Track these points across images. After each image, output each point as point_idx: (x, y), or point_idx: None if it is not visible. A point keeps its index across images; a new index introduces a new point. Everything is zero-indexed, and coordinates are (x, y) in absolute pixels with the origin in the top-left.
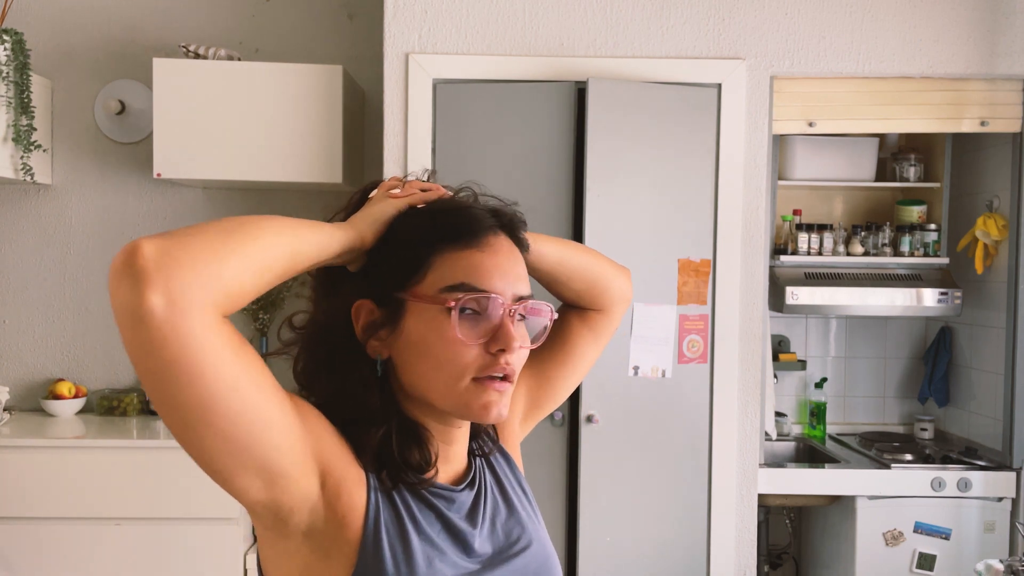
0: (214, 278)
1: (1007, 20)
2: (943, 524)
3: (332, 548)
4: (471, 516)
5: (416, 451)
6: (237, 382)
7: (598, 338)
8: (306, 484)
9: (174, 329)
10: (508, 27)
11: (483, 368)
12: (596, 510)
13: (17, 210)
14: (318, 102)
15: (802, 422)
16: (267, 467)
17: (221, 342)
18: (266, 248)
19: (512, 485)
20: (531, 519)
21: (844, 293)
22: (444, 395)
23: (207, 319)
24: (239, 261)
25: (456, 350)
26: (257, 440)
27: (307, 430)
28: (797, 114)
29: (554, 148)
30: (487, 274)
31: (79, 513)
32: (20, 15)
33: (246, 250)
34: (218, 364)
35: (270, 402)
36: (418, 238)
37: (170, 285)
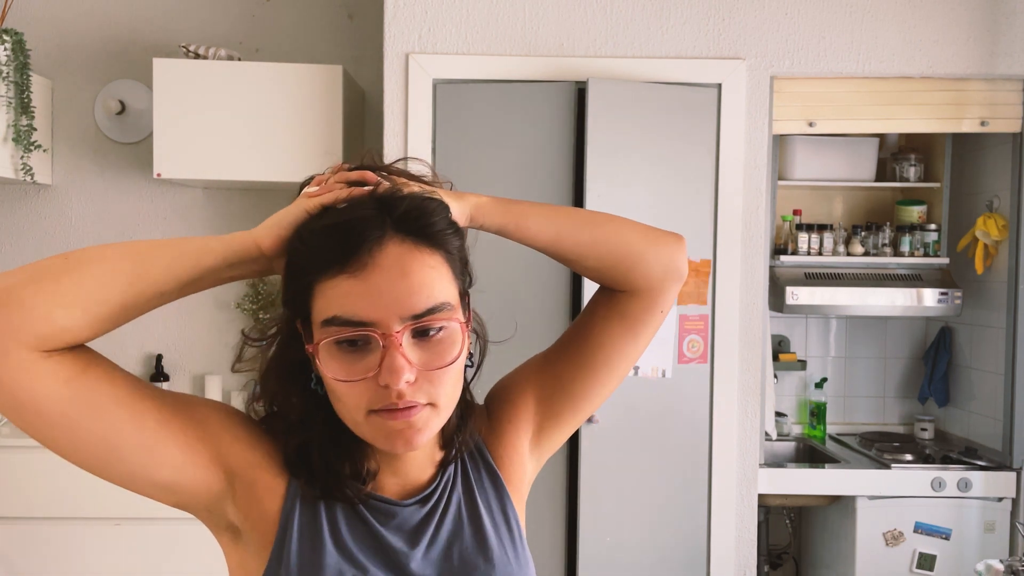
0: (20, 319)
1: (1007, 20)
2: (943, 524)
3: (252, 545)
4: (413, 535)
5: (347, 463)
6: (70, 413)
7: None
8: (205, 487)
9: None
10: (508, 27)
11: (374, 401)
12: (596, 510)
13: (17, 210)
14: (318, 102)
15: (802, 422)
16: (145, 480)
17: (41, 379)
18: (88, 281)
19: (491, 512)
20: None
21: (844, 293)
22: (353, 427)
23: (21, 360)
24: (40, 297)
25: (347, 386)
26: (114, 461)
27: (200, 436)
28: (797, 114)
29: (554, 148)
30: (359, 302)
31: (79, 513)
32: (20, 15)
33: (47, 282)
34: (40, 402)
35: (121, 424)
36: (299, 264)
37: None
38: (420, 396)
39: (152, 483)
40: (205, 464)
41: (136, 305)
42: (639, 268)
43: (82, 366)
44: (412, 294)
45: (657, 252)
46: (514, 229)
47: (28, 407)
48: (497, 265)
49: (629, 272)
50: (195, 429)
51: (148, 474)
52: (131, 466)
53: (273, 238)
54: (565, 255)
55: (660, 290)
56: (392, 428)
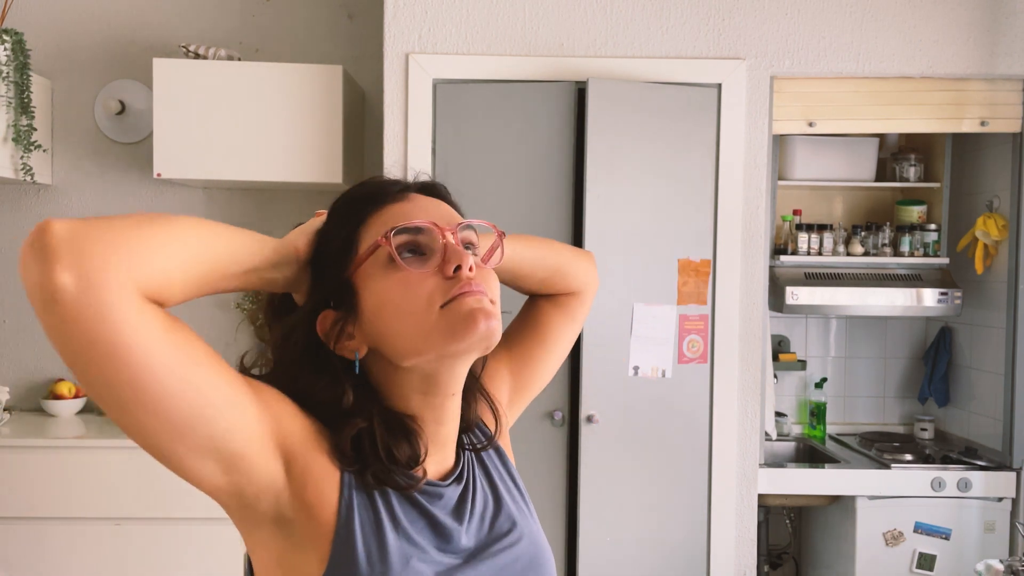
0: (131, 258)
1: (1007, 20)
2: (943, 524)
3: (304, 539)
4: (457, 512)
5: (405, 445)
6: (168, 359)
7: (573, 319)
8: (266, 468)
9: (88, 307)
10: (508, 27)
11: (446, 292)
12: (596, 510)
13: (17, 210)
14: (318, 102)
15: (802, 422)
16: (218, 448)
17: (146, 320)
18: (186, 240)
19: (502, 478)
20: (522, 513)
21: (844, 293)
22: (426, 338)
23: (125, 297)
24: (159, 247)
25: (413, 286)
26: (200, 419)
27: (264, 412)
28: (797, 114)
29: (554, 148)
30: (411, 214)
31: (79, 513)
32: (20, 15)
33: (165, 238)
34: (145, 342)
35: (212, 380)
36: (341, 222)
37: (81, 262)
38: (484, 287)
39: (226, 452)
40: (270, 437)
41: (210, 282)
42: (572, 275)
43: (173, 320)
44: (452, 214)
45: (579, 261)
46: None
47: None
48: None
49: (565, 278)
50: (260, 400)
51: (230, 438)
52: (218, 426)
53: (307, 242)
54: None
55: (590, 291)
56: (471, 306)
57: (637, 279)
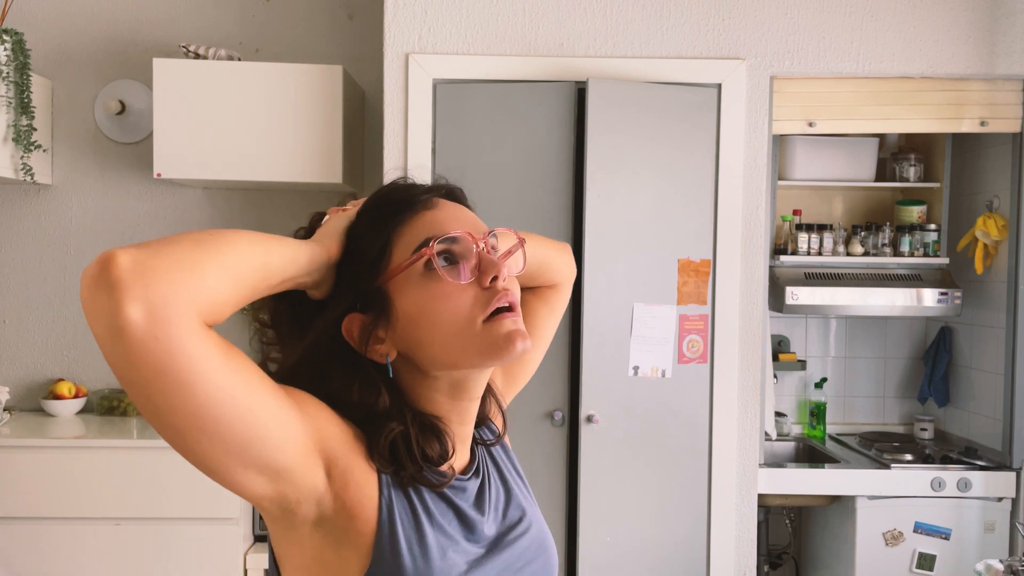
0: (193, 286)
1: (1007, 20)
2: (943, 524)
3: (344, 539)
4: (478, 503)
5: (436, 443)
6: (229, 387)
7: (553, 310)
8: (311, 475)
9: (157, 340)
10: (508, 27)
11: (487, 305)
12: (596, 510)
13: (17, 210)
14: (318, 102)
15: (802, 422)
16: (268, 464)
17: (208, 349)
18: (240, 257)
19: (508, 469)
20: (528, 501)
21: (844, 293)
22: (465, 350)
23: (191, 327)
24: (216, 269)
25: (454, 299)
26: (254, 440)
27: (306, 421)
28: (797, 114)
29: (554, 148)
30: (445, 223)
31: (79, 513)
32: (20, 15)
33: (222, 259)
34: (208, 371)
35: (264, 401)
36: (372, 228)
37: (148, 294)
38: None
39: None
40: (313, 446)
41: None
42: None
43: (228, 345)
44: (478, 221)
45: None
46: None
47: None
48: None
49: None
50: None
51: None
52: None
53: (338, 245)
54: None
55: (568, 284)
56: (507, 326)
57: (637, 279)
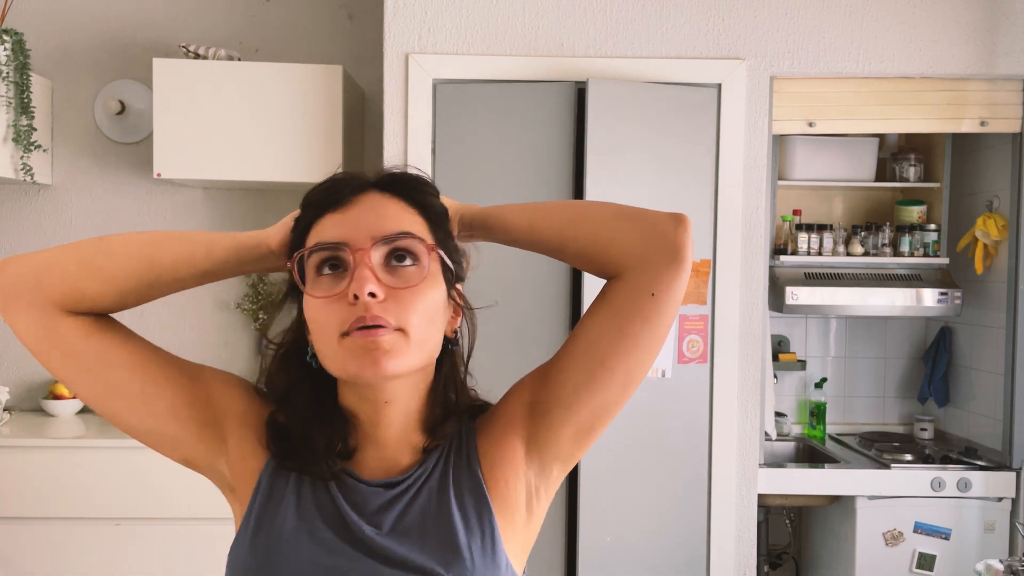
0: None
1: (1007, 20)
2: (943, 524)
3: (236, 505)
4: (373, 515)
5: (322, 436)
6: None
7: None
8: (204, 445)
9: (15, 326)
10: (508, 27)
11: (345, 321)
12: (596, 510)
13: (17, 210)
14: (318, 102)
15: (802, 422)
16: (158, 432)
17: (55, 335)
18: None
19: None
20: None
21: (844, 293)
22: (331, 363)
23: (33, 316)
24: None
25: (322, 310)
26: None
27: (198, 394)
28: (797, 114)
29: (554, 148)
30: (336, 229)
31: (79, 513)
32: (20, 15)
33: (80, 256)
34: (55, 355)
35: (133, 375)
36: (297, 224)
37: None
38: (389, 317)
39: (155, 433)
40: (203, 418)
41: (154, 285)
42: (615, 245)
43: (100, 327)
44: (382, 221)
45: (632, 226)
46: (495, 222)
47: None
48: (499, 273)
49: (606, 251)
50: (196, 385)
51: (150, 423)
52: (133, 414)
53: (281, 235)
54: (545, 243)
55: (644, 268)
56: (360, 347)
57: None
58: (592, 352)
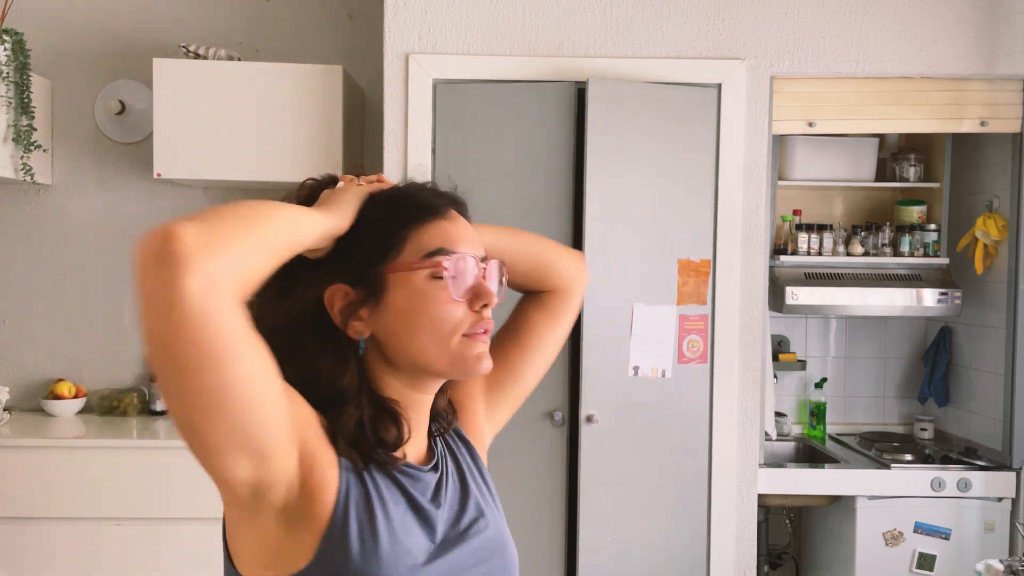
0: (241, 264)
1: (1007, 20)
2: (943, 524)
3: (301, 523)
4: (435, 497)
5: (392, 427)
6: (253, 368)
7: (556, 319)
8: (288, 461)
9: (207, 312)
10: (508, 27)
11: (471, 324)
12: (596, 510)
13: (17, 210)
14: (318, 102)
15: (802, 422)
16: (261, 448)
17: (243, 327)
18: (278, 233)
19: (471, 470)
20: (488, 505)
21: (844, 293)
22: (439, 355)
23: (234, 304)
24: (258, 248)
25: (448, 310)
26: (260, 423)
27: (292, 410)
28: (797, 114)
29: (554, 148)
30: (457, 239)
31: (79, 513)
32: (20, 15)
33: (262, 237)
34: (240, 350)
35: (272, 385)
36: (391, 218)
37: (208, 269)
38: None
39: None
40: (294, 431)
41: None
42: (554, 271)
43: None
44: (479, 244)
45: (565, 257)
46: None
47: (230, 356)
48: None
49: (547, 274)
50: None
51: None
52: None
53: (350, 219)
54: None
55: (572, 288)
56: (480, 347)
57: (637, 279)
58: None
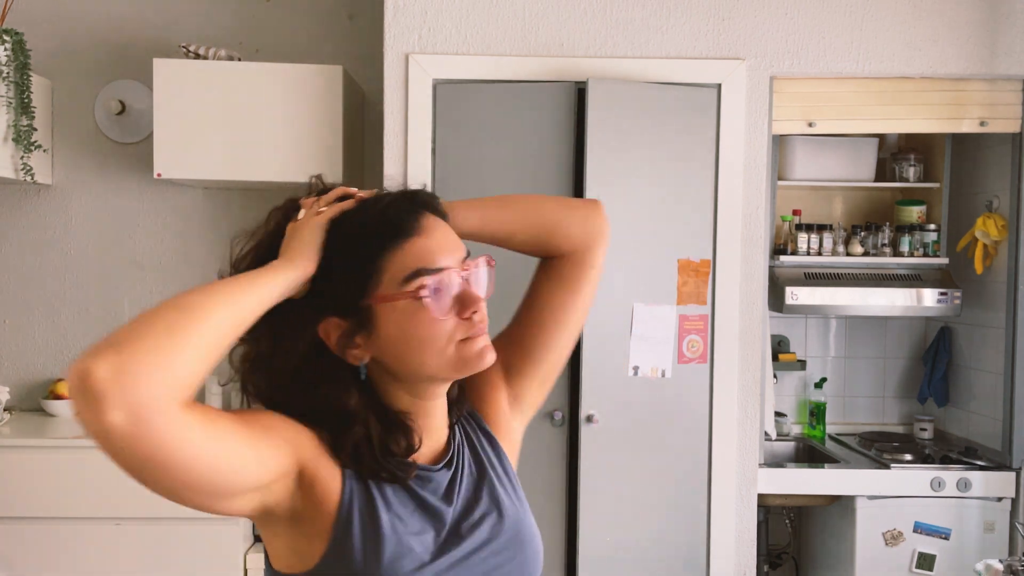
0: (171, 379)
1: (1007, 20)
2: (943, 524)
3: (311, 528)
4: (448, 494)
5: (402, 439)
6: (213, 458)
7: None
8: (284, 487)
9: (140, 439)
10: (508, 27)
11: (464, 332)
12: (596, 510)
13: (17, 210)
14: (318, 102)
15: (802, 422)
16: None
17: (190, 430)
18: (220, 322)
19: (493, 467)
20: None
21: (844, 293)
22: (440, 365)
23: (171, 418)
24: (190, 353)
25: (438, 327)
26: (237, 485)
27: (277, 443)
28: (797, 114)
29: (554, 148)
30: (434, 253)
31: (79, 513)
32: (20, 15)
33: (198, 339)
34: (190, 453)
35: (241, 451)
36: (362, 249)
37: (127, 400)
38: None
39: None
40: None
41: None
42: (560, 232)
43: (204, 412)
44: (457, 244)
45: (571, 216)
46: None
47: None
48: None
49: (552, 237)
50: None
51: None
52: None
53: (315, 260)
54: (496, 235)
55: (585, 248)
56: (479, 346)
57: (637, 279)
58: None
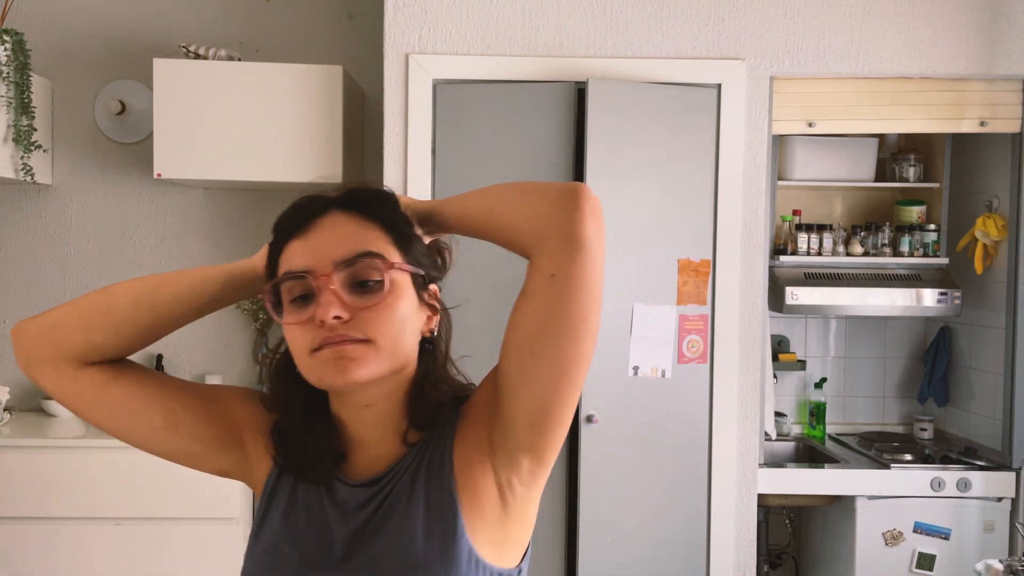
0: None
1: (1007, 20)
2: (943, 524)
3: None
4: (347, 514)
5: (319, 442)
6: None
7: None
8: (227, 457)
9: (39, 383)
10: (508, 27)
11: (314, 340)
12: (596, 510)
13: (17, 210)
14: (318, 102)
15: (802, 422)
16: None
17: (77, 388)
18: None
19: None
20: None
21: (844, 293)
22: (308, 375)
23: (54, 375)
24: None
25: (291, 333)
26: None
27: (216, 411)
28: (797, 114)
29: (554, 148)
30: (301, 256)
31: (79, 513)
32: (20, 15)
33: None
34: (82, 405)
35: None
36: (271, 248)
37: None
38: (355, 333)
39: (185, 452)
40: (222, 433)
41: (156, 328)
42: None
43: (116, 372)
44: (343, 242)
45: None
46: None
47: (74, 403)
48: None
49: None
50: (211, 405)
51: (180, 445)
52: (162, 442)
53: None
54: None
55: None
56: (327, 358)
57: (637, 279)
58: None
